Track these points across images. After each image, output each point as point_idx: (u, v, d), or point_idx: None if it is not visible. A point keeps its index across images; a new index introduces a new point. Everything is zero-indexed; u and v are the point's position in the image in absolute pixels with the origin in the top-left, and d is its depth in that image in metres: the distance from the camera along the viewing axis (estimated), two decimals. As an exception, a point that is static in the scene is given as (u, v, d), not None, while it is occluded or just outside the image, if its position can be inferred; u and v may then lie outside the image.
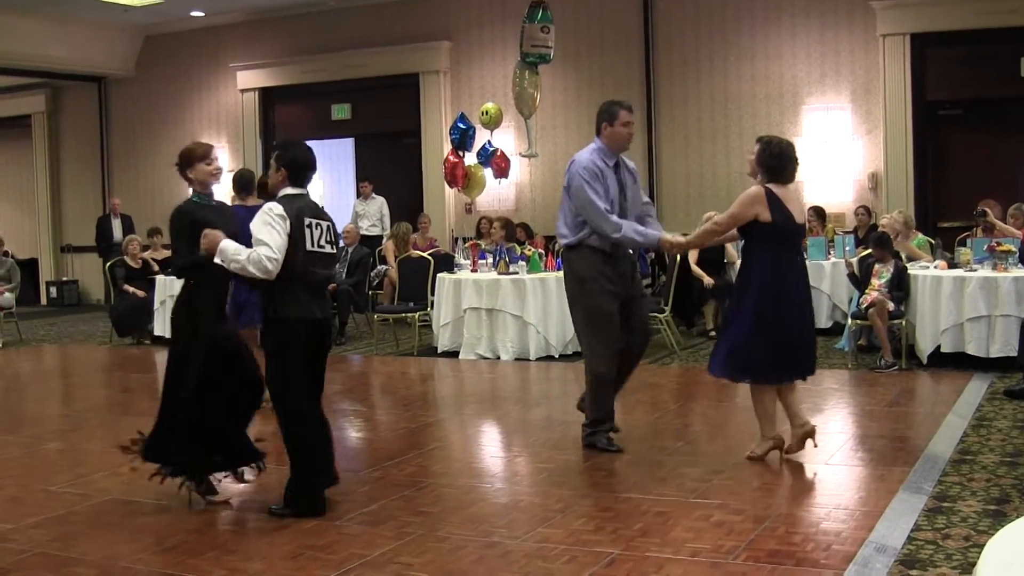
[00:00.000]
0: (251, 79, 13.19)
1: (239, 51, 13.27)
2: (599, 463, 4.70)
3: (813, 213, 9.28)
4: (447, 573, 3.38)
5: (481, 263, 8.61)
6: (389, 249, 10.42)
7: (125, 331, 10.05)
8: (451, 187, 10.31)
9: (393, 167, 12.53)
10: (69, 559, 3.61)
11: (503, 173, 10.00)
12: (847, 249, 8.57)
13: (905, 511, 3.80)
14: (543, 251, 8.68)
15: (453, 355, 8.20)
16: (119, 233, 12.40)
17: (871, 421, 5.53)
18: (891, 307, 7.06)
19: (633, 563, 3.36)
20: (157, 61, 13.92)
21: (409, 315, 8.77)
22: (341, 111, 12.86)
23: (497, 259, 8.39)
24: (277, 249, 3.83)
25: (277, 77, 13.04)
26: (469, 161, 9.88)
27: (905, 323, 7.17)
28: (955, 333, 6.84)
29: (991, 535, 1.91)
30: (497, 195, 11.40)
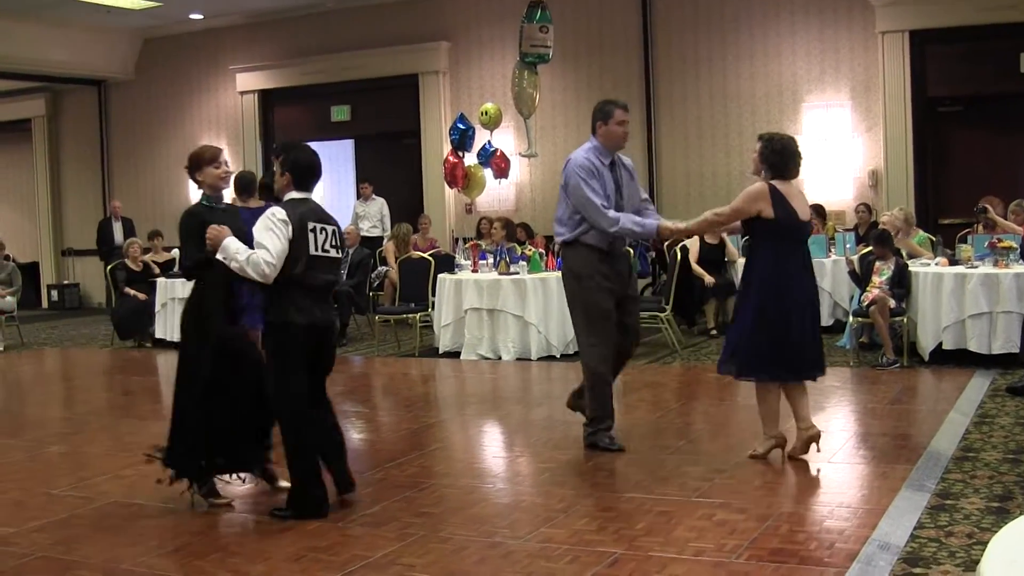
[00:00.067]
0: (250, 81, 13.20)
1: (238, 53, 13.27)
2: (601, 463, 4.70)
3: (813, 211, 9.18)
4: (449, 574, 3.38)
5: (482, 263, 8.61)
6: (390, 250, 10.42)
7: (126, 334, 10.06)
8: (451, 188, 10.31)
9: (393, 168, 12.53)
10: (72, 563, 3.62)
11: (503, 173, 10.00)
12: (848, 247, 8.56)
13: (908, 509, 3.79)
14: (544, 251, 8.68)
15: (454, 356, 8.20)
16: (120, 236, 12.40)
17: (873, 419, 5.53)
18: (892, 304, 7.06)
19: (636, 563, 3.36)
20: (156, 64, 13.92)
21: (410, 316, 8.77)
22: (340, 112, 12.85)
23: (498, 259, 8.39)
24: (275, 254, 3.82)
25: (276, 79, 13.04)
26: (469, 161, 9.88)
27: (906, 320, 7.17)
28: (956, 330, 6.84)
29: (994, 532, 1.91)
30: (497, 195, 11.39)
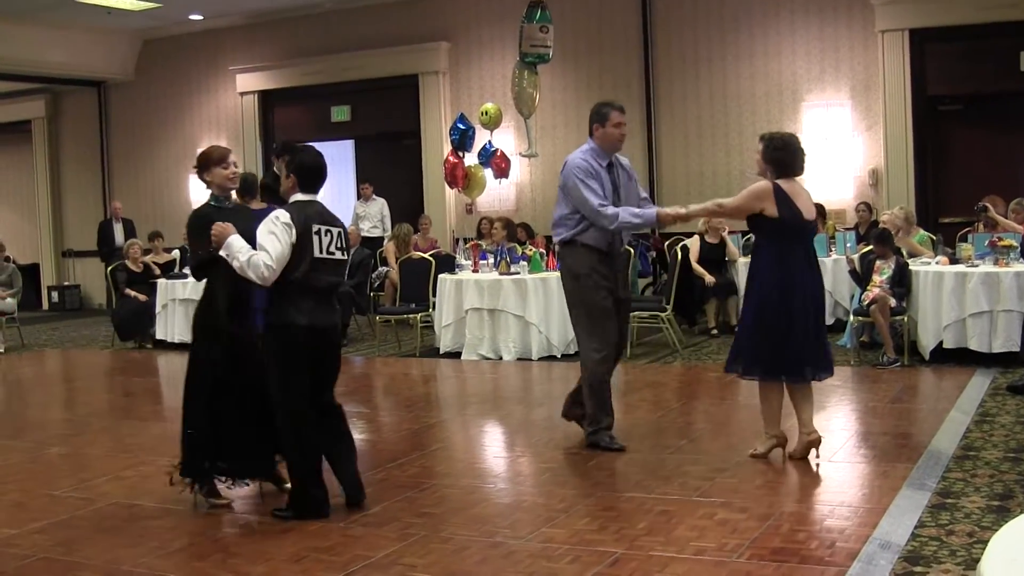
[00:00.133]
0: (250, 82, 13.20)
1: (238, 54, 13.28)
2: (602, 462, 4.70)
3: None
4: (451, 574, 3.38)
5: (482, 263, 8.61)
6: (390, 250, 10.42)
7: (127, 335, 10.07)
8: (451, 188, 10.31)
9: (393, 168, 12.53)
10: (73, 564, 3.62)
11: (503, 173, 10.00)
12: (848, 246, 8.56)
13: (909, 508, 3.79)
14: (544, 251, 8.68)
15: (455, 356, 8.20)
16: (121, 237, 12.40)
17: (874, 418, 5.53)
18: (893, 303, 7.06)
19: (637, 562, 3.36)
20: (156, 65, 13.93)
21: (411, 316, 8.77)
22: (340, 113, 12.85)
23: (498, 259, 8.39)
24: (275, 258, 3.81)
25: (276, 80, 13.04)
26: (469, 161, 9.88)
27: (907, 319, 7.17)
28: (957, 329, 6.84)
29: (995, 531, 1.91)
30: (497, 195, 11.39)
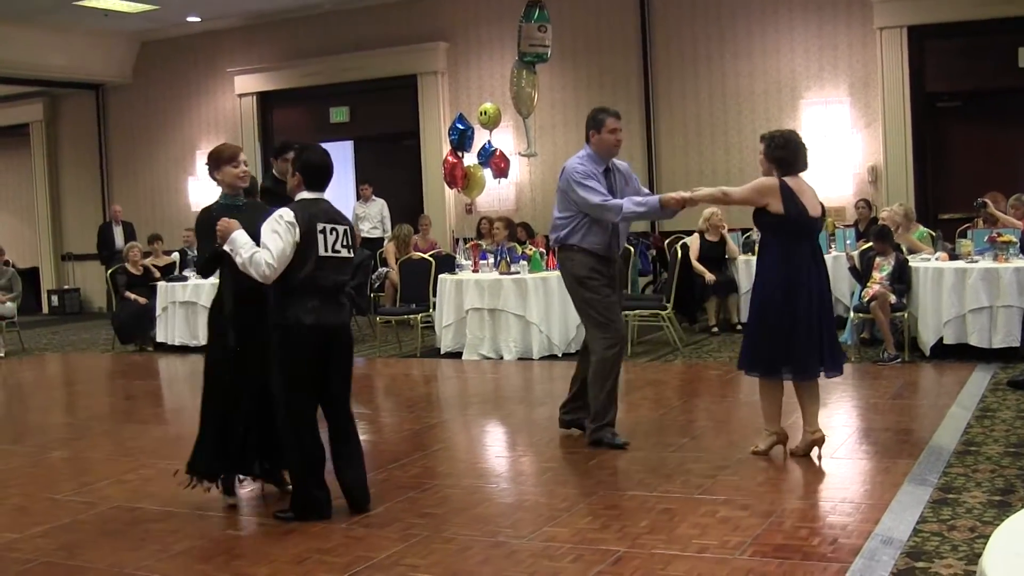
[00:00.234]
0: (249, 83, 13.20)
1: (236, 56, 13.28)
2: (603, 461, 4.70)
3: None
4: (453, 574, 3.38)
5: (482, 263, 8.61)
6: (390, 251, 10.42)
7: (127, 338, 10.07)
8: (451, 188, 10.31)
9: (393, 169, 12.53)
10: (75, 568, 3.62)
11: (502, 173, 9.99)
12: (848, 243, 8.56)
13: (910, 503, 3.79)
14: (544, 250, 8.68)
15: (456, 356, 8.20)
16: (121, 240, 12.40)
17: (875, 414, 5.53)
18: (893, 300, 7.06)
19: (640, 560, 3.36)
20: (154, 67, 13.93)
21: (411, 317, 8.77)
22: (339, 114, 12.85)
23: (498, 259, 8.39)
24: (277, 256, 3.81)
25: (275, 81, 13.04)
26: (469, 161, 9.87)
27: (907, 315, 7.17)
28: (957, 325, 6.84)
29: (996, 526, 1.91)
30: (497, 195, 11.39)
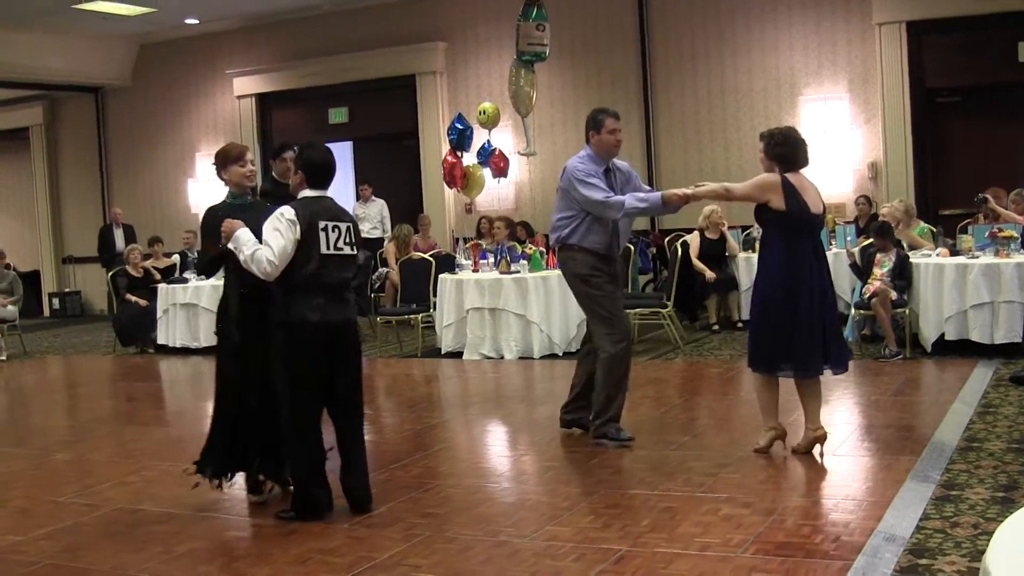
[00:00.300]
0: (247, 85, 13.20)
1: (235, 57, 13.27)
2: (605, 460, 4.70)
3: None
4: (456, 574, 3.38)
5: (482, 263, 8.60)
6: (390, 251, 10.42)
7: (128, 340, 10.07)
8: (450, 188, 10.30)
9: (392, 169, 12.52)
10: (79, 569, 3.62)
11: (502, 172, 9.98)
12: (848, 239, 8.55)
13: (913, 500, 3.79)
14: (544, 249, 8.67)
15: (457, 356, 8.20)
16: (121, 243, 12.40)
17: (877, 411, 5.52)
18: (894, 296, 7.05)
19: (642, 559, 3.36)
20: (153, 70, 13.92)
21: (412, 317, 8.77)
22: (338, 115, 12.85)
23: (499, 258, 8.39)
24: (278, 253, 3.83)
25: (273, 82, 13.04)
26: (468, 161, 9.87)
27: (908, 312, 7.16)
28: (959, 320, 6.83)
29: (1000, 522, 1.91)
30: (497, 194, 11.39)
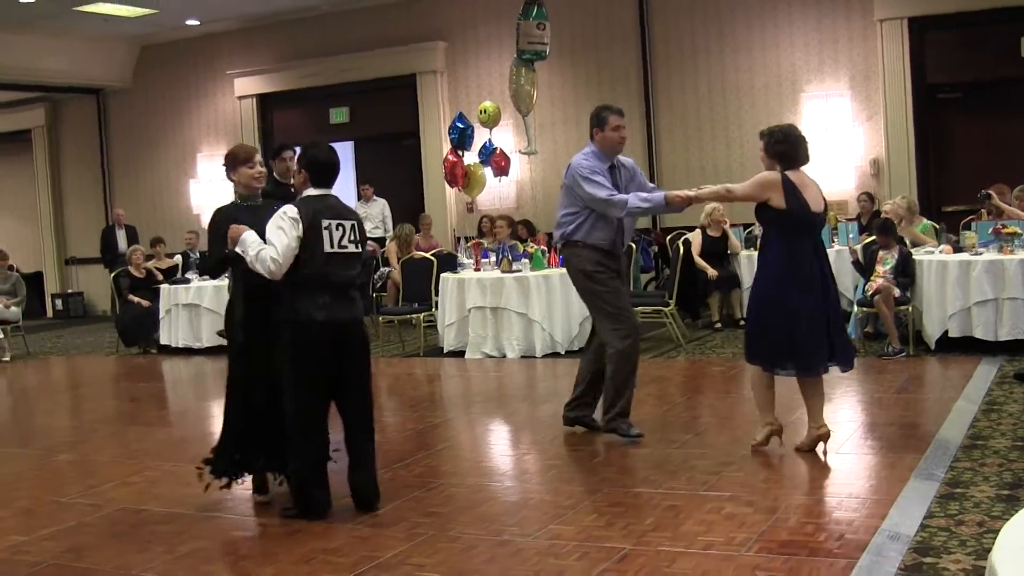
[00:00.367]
0: (248, 86, 13.20)
1: (235, 58, 13.27)
2: (609, 458, 4.70)
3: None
4: (459, 573, 3.38)
5: (484, 262, 8.60)
6: (392, 251, 10.42)
7: (131, 341, 10.08)
8: (451, 187, 10.30)
9: (393, 169, 12.52)
10: (83, 570, 3.62)
11: (503, 171, 9.98)
12: (850, 236, 8.54)
13: (917, 498, 3.78)
14: (546, 248, 8.66)
15: (459, 355, 8.20)
16: (124, 244, 12.42)
17: (880, 409, 5.51)
18: (897, 293, 7.04)
19: (645, 558, 3.35)
20: (154, 71, 13.93)
21: (414, 316, 8.77)
22: (339, 114, 12.85)
23: (500, 257, 8.38)
24: (282, 252, 3.84)
25: (274, 83, 13.04)
26: (469, 160, 9.86)
27: (911, 309, 7.15)
28: (962, 317, 6.81)
29: (1005, 520, 1.90)
30: (498, 193, 11.38)
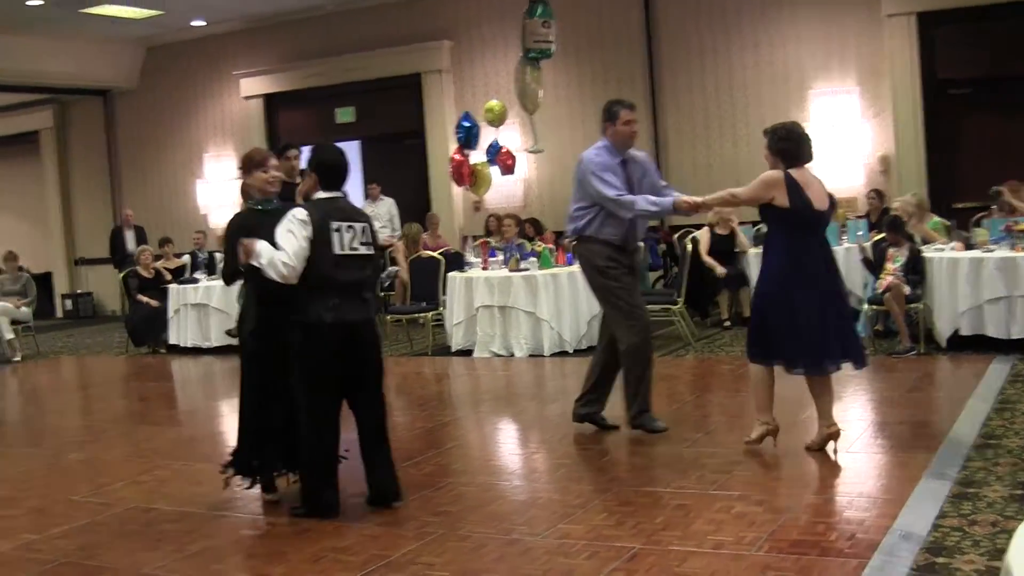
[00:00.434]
0: (254, 86, 13.22)
1: (241, 59, 13.30)
2: (618, 457, 4.69)
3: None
4: (468, 572, 3.37)
5: (492, 261, 8.60)
6: (400, 250, 10.42)
7: (140, 341, 10.12)
8: (458, 186, 10.30)
9: (399, 168, 12.52)
10: (94, 568, 3.64)
11: (509, 170, 9.98)
12: (860, 234, 8.49)
13: (929, 498, 3.75)
14: (553, 246, 8.65)
15: (467, 354, 8.20)
16: (132, 244, 12.42)
17: (891, 407, 5.49)
18: (907, 291, 7.00)
19: (655, 557, 3.34)
20: (161, 72, 13.96)
21: (422, 315, 8.77)
22: (345, 114, 12.86)
23: (508, 256, 8.37)
24: (293, 255, 3.85)
25: (280, 83, 13.06)
26: (475, 159, 9.86)
27: (922, 307, 7.11)
28: (974, 315, 6.77)
29: (1019, 520, 1.89)
30: (505, 192, 11.37)
